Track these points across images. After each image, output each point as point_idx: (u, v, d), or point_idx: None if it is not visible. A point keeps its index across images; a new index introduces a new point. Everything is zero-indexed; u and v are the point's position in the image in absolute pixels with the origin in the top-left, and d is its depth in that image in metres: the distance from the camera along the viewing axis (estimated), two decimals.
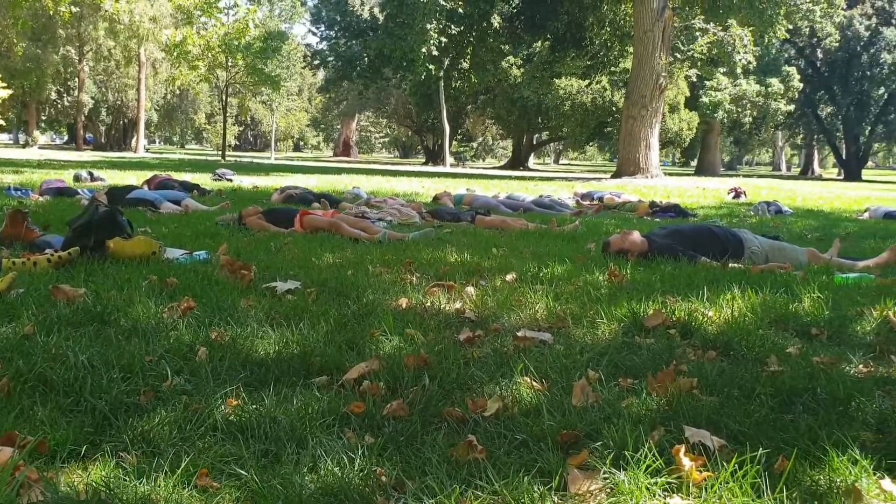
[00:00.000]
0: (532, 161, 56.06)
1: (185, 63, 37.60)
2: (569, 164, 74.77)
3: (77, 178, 13.09)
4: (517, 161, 48.75)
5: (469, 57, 37.97)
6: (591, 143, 50.69)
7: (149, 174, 12.79)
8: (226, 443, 2.07)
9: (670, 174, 30.52)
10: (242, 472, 1.89)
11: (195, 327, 3.08)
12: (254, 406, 2.30)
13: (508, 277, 4.37)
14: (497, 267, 4.75)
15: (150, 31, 41.57)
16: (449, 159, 43.18)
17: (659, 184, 20.72)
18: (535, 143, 53.37)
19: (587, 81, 37.53)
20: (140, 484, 1.82)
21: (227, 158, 37.00)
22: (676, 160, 64.29)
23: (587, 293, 3.97)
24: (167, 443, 2.06)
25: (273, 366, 2.66)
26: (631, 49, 26.68)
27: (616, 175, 24.39)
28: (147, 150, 50.14)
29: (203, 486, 1.83)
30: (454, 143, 54.09)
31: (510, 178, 24.94)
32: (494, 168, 47.47)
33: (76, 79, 48.04)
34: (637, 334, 3.23)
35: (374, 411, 2.29)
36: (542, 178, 24.70)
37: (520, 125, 45.44)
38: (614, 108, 36.07)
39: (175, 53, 37.07)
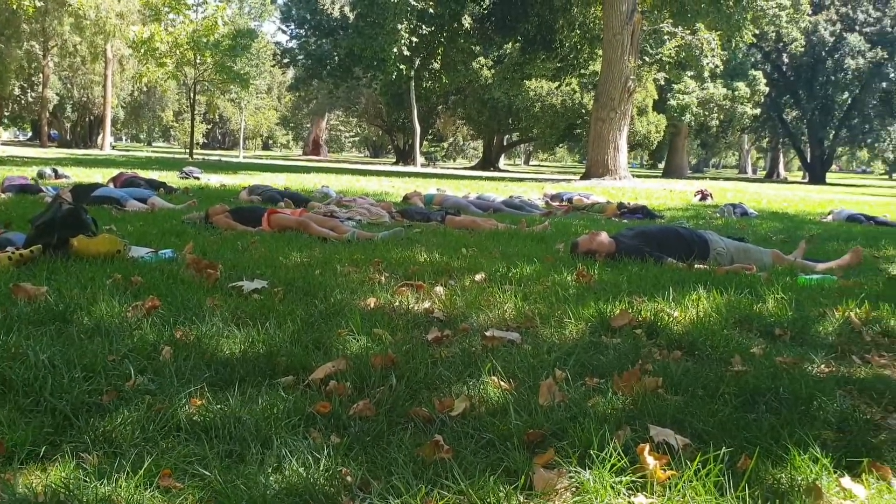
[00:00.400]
0: (502, 162, 56.23)
1: (153, 60, 37.11)
2: (539, 166, 75.13)
3: (41, 175, 12.86)
4: (488, 162, 48.91)
5: (440, 57, 37.95)
6: (560, 145, 50.99)
7: (115, 172, 12.58)
8: (189, 443, 2.04)
9: (638, 176, 30.77)
10: (206, 472, 1.87)
11: (159, 326, 3.04)
12: (218, 406, 2.28)
13: (477, 277, 4.37)
14: (466, 267, 4.75)
15: (117, 27, 41.01)
16: (419, 159, 43.24)
17: (627, 185, 20.88)
18: (505, 143, 53.57)
19: (557, 83, 37.79)
20: (101, 485, 1.79)
21: (194, 156, 36.57)
22: (644, 162, 64.83)
23: (555, 293, 3.98)
24: (129, 443, 2.03)
25: (238, 365, 2.63)
26: (600, 52, 26.83)
27: (585, 176, 24.53)
28: (113, 148, 49.38)
29: (166, 487, 1.81)
30: (425, 143, 54.12)
31: (481, 178, 24.99)
32: (465, 168, 47.56)
33: (40, 74, 47.23)
34: (604, 334, 3.25)
35: (341, 411, 2.27)
36: (512, 179, 24.77)
37: (490, 126, 45.61)
38: (584, 111, 36.37)
39: (142, 50, 36.55)
